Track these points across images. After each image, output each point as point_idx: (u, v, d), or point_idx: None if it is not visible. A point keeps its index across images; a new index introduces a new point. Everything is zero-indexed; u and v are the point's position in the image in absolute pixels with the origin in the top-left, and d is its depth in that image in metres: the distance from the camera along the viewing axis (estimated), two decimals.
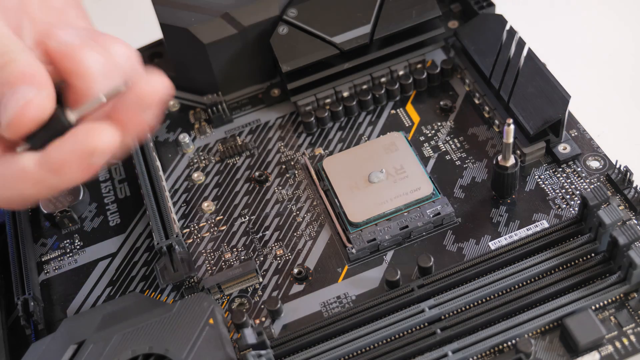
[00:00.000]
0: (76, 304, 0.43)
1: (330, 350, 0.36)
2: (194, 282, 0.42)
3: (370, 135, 0.48)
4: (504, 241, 0.41)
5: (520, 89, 0.44)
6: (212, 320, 0.36)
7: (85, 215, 0.47)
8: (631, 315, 0.37)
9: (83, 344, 0.37)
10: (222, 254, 0.44)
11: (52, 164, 0.31)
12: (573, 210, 0.42)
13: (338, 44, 0.47)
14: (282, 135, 0.49)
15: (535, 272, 0.38)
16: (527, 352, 0.35)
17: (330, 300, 0.41)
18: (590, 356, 0.35)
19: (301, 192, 0.46)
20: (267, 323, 0.40)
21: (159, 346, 0.36)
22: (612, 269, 0.37)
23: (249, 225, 0.45)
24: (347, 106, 0.49)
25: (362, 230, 0.42)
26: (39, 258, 0.45)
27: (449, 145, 0.47)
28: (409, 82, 0.49)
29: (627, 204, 0.41)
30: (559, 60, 0.50)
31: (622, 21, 0.54)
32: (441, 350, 0.36)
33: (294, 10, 0.49)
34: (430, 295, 0.38)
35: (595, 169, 0.44)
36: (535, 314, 0.36)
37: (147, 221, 0.46)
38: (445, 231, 0.42)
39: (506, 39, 0.46)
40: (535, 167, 0.44)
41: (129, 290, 0.43)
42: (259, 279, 0.42)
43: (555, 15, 0.55)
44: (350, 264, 0.42)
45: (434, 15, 0.48)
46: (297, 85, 0.48)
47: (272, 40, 0.48)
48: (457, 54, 0.50)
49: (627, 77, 0.50)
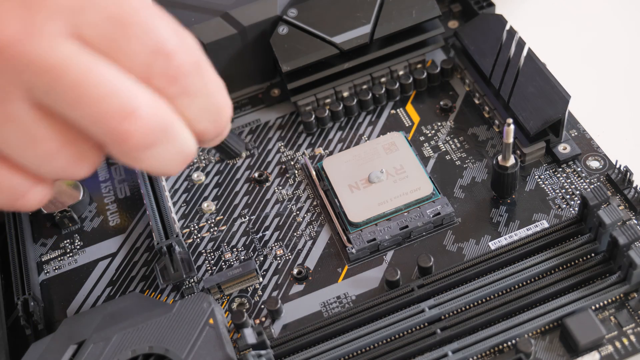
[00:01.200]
0: (76, 304, 0.43)
1: (330, 350, 0.36)
2: (194, 282, 0.42)
3: (370, 135, 0.48)
4: (504, 241, 0.41)
5: (520, 89, 0.44)
6: (212, 320, 0.36)
7: (85, 215, 0.47)
8: (631, 315, 0.37)
9: (83, 344, 0.37)
10: (222, 254, 0.44)
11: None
12: (573, 210, 0.42)
13: (338, 44, 0.47)
14: (282, 135, 0.49)
15: (535, 272, 0.38)
16: (527, 352, 0.35)
17: (330, 300, 0.41)
18: (590, 356, 0.35)
19: (301, 192, 0.46)
20: (267, 323, 0.40)
21: (159, 346, 0.36)
22: (612, 269, 0.37)
23: (249, 225, 0.45)
24: (347, 106, 0.49)
25: (362, 230, 0.42)
26: (39, 258, 0.45)
27: (449, 145, 0.47)
28: (409, 82, 0.49)
29: (627, 204, 0.41)
30: (559, 60, 0.50)
31: (623, 21, 0.54)
32: (441, 350, 0.36)
33: (294, 10, 0.49)
34: (430, 295, 0.38)
35: (595, 169, 0.44)
36: (535, 314, 0.36)
37: (147, 221, 0.46)
38: (445, 231, 0.42)
39: (506, 39, 0.46)
40: (535, 167, 0.44)
41: (129, 290, 0.43)
42: (259, 279, 0.42)
43: (555, 15, 0.55)
44: (350, 264, 0.42)
45: (434, 15, 0.48)
46: (297, 85, 0.48)
47: (272, 40, 0.48)
48: (457, 54, 0.50)
49: (627, 77, 0.50)
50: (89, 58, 0.27)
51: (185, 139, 0.31)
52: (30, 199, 0.30)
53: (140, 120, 0.28)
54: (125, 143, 0.28)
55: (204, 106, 0.31)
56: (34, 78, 0.27)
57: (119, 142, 0.28)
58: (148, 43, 0.28)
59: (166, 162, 0.30)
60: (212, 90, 0.32)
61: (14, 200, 0.30)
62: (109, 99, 0.27)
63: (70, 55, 0.27)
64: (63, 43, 0.27)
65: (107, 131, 0.28)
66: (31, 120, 0.28)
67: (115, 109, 0.27)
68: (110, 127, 0.28)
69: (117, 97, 0.27)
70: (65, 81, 0.27)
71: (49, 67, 0.26)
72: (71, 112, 0.27)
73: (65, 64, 0.27)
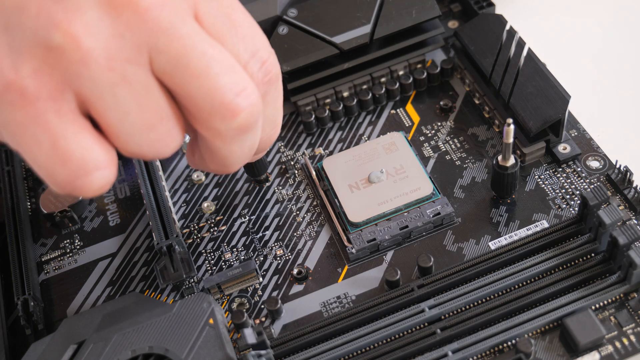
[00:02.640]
0: (76, 304, 0.43)
1: (330, 350, 0.36)
2: (194, 282, 0.42)
3: (370, 135, 0.48)
4: (504, 241, 0.41)
5: (520, 89, 0.44)
6: (212, 320, 0.36)
7: (85, 215, 0.47)
8: (631, 315, 0.37)
9: (83, 344, 0.37)
10: (222, 254, 0.44)
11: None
12: (573, 210, 0.42)
13: (338, 44, 0.47)
14: (282, 135, 0.49)
15: (535, 272, 0.38)
16: (527, 352, 0.35)
17: (330, 300, 0.41)
18: (590, 356, 0.35)
19: (301, 192, 0.46)
20: (267, 323, 0.40)
21: (159, 346, 0.36)
22: (612, 269, 0.37)
23: (249, 225, 0.45)
24: (347, 106, 0.49)
25: (362, 230, 0.42)
26: (39, 258, 0.45)
27: (449, 145, 0.47)
28: (409, 82, 0.49)
29: (627, 204, 0.41)
30: (559, 60, 0.50)
31: (622, 21, 0.54)
32: (441, 350, 0.36)
33: (294, 10, 0.49)
34: (430, 295, 0.38)
35: (595, 169, 0.44)
36: (535, 314, 0.36)
37: (147, 221, 0.46)
38: (445, 231, 0.42)
39: (506, 39, 0.46)
40: (535, 167, 0.44)
41: (129, 290, 0.43)
42: (259, 279, 0.42)
43: (555, 15, 0.55)
44: (350, 264, 0.42)
45: (434, 15, 0.48)
46: (297, 85, 0.48)
47: (272, 40, 0.48)
48: (457, 54, 0.50)
49: (627, 76, 0.50)
50: (211, 37, 0.30)
51: (259, 136, 0.33)
52: (93, 180, 0.29)
53: (250, 98, 0.30)
54: (233, 118, 0.30)
55: (270, 116, 0.34)
56: (165, 44, 0.28)
57: (228, 116, 0.30)
58: (250, 45, 0.32)
59: (242, 153, 0.33)
60: (279, 105, 0.35)
61: (77, 177, 0.29)
62: (229, 74, 0.30)
63: (198, 30, 0.29)
64: (191, 19, 0.30)
65: (220, 104, 0.30)
66: (145, 86, 0.29)
67: (232, 83, 0.30)
68: (224, 99, 0.29)
69: (236, 74, 0.30)
70: (193, 52, 0.29)
71: (181, 37, 0.28)
72: (191, 82, 0.29)
73: (194, 36, 0.29)
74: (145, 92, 0.29)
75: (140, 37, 0.28)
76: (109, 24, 0.28)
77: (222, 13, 0.31)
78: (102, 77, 0.28)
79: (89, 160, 0.28)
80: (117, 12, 0.28)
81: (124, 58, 0.28)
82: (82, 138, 0.28)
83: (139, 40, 0.28)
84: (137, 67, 0.28)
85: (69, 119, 0.28)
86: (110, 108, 0.28)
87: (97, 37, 0.27)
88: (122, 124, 0.29)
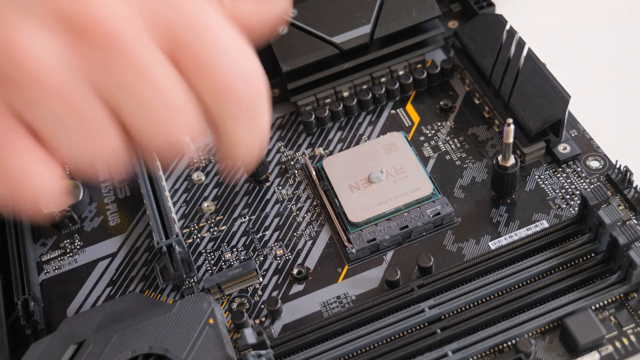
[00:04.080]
0: (76, 304, 0.43)
1: (330, 350, 0.36)
2: (194, 282, 0.42)
3: (370, 135, 0.48)
4: (504, 241, 0.41)
5: (520, 89, 0.44)
6: (212, 320, 0.36)
7: (85, 215, 0.47)
8: (631, 315, 0.37)
9: (83, 344, 0.37)
10: (222, 254, 0.44)
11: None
12: (573, 210, 0.42)
13: (338, 44, 0.47)
14: (282, 135, 0.49)
15: (535, 272, 0.38)
16: (527, 352, 0.35)
17: (330, 300, 0.41)
18: (590, 356, 0.35)
19: (301, 192, 0.46)
20: (267, 323, 0.40)
21: (159, 346, 0.36)
22: (612, 269, 0.37)
23: (249, 225, 0.45)
24: (347, 106, 0.49)
25: (362, 230, 0.42)
26: (39, 258, 0.45)
27: (449, 145, 0.47)
28: (409, 82, 0.49)
29: (627, 204, 0.41)
30: (559, 60, 0.50)
31: (622, 21, 0.54)
32: (441, 350, 0.36)
33: (294, 10, 0.49)
34: (430, 295, 0.38)
35: (595, 169, 0.44)
36: (535, 314, 0.36)
37: (147, 221, 0.46)
38: (445, 231, 0.42)
39: (506, 39, 0.46)
40: (535, 167, 0.44)
41: (129, 290, 0.43)
42: (259, 279, 0.42)
43: (555, 15, 0.55)
44: (350, 264, 0.42)
45: (434, 15, 0.48)
46: (297, 85, 0.48)
47: (272, 40, 0.48)
48: (457, 54, 0.50)
49: (627, 76, 0.50)
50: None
51: (265, 124, 0.35)
52: (37, 183, 0.29)
53: (261, 81, 0.33)
54: (255, 93, 0.33)
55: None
56: (185, 24, 0.31)
57: (251, 92, 0.32)
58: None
59: (252, 137, 0.34)
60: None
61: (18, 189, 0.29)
62: (245, 52, 0.33)
63: (216, 13, 0.32)
64: (210, 7, 0.32)
65: (245, 79, 0.32)
66: (162, 67, 0.30)
67: (249, 61, 0.33)
68: (249, 75, 0.32)
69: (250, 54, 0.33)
70: (209, 32, 0.31)
71: (201, 23, 0.31)
72: (210, 58, 0.31)
73: (210, 18, 0.32)
74: (159, 75, 0.30)
75: (92, 59, 0.29)
76: (59, 44, 0.28)
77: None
78: (42, 97, 0.28)
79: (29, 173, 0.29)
80: (73, 33, 0.28)
81: (71, 80, 0.29)
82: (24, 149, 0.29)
83: (89, 63, 0.29)
84: (82, 89, 0.29)
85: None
86: (120, 92, 0.30)
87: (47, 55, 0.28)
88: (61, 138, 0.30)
